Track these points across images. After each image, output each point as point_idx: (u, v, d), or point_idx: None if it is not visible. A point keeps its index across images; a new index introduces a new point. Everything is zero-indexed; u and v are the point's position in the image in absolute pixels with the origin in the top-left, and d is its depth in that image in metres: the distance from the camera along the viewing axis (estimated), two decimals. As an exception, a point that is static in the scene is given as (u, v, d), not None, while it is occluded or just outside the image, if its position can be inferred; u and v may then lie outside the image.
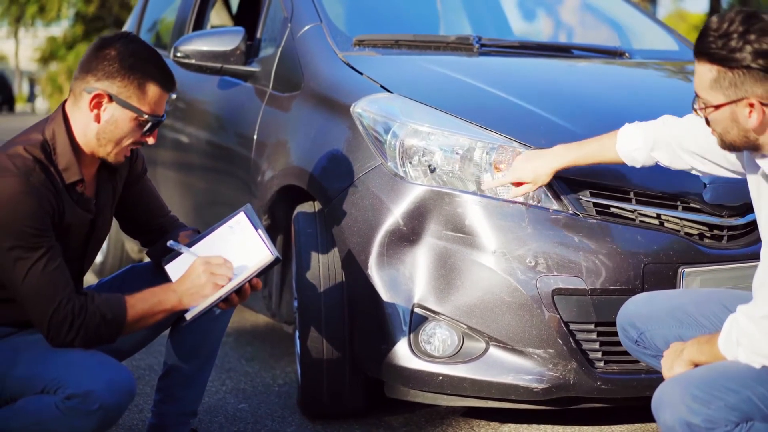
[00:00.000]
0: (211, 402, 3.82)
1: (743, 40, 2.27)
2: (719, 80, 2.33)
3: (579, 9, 5.63)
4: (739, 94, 2.32)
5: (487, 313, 3.15)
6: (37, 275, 2.62)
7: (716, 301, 2.76)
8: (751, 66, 2.27)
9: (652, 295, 2.88)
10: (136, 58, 2.73)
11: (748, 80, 2.29)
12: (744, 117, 2.34)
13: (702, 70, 2.37)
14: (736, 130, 2.37)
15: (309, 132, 3.72)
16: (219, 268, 2.74)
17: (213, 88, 4.69)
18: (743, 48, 2.27)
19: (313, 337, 3.44)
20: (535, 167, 3.14)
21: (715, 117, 2.39)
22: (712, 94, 2.37)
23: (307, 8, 4.18)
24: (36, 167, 2.66)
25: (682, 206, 3.23)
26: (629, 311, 2.84)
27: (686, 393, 2.30)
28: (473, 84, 3.67)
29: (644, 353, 2.82)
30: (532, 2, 5.76)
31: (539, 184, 3.15)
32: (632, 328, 2.81)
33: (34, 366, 2.69)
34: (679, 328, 2.72)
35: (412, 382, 3.25)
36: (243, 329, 4.98)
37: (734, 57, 2.29)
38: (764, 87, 2.29)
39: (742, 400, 2.27)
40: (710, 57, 2.33)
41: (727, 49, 2.29)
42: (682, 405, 2.29)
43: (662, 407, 2.34)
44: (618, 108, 3.60)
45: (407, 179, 3.28)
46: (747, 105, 2.32)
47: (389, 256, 3.25)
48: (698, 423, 2.26)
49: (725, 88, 2.33)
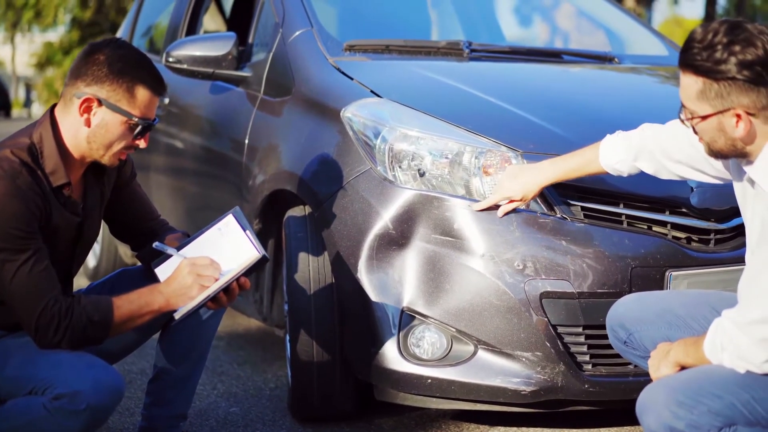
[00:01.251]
0: (202, 405, 3.83)
1: (728, 52, 2.27)
2: (705, 91, 2.33)
3: (570, 14, 5.66)
4: (726, 104, 2.32)
5: (475, 316, 3.17)
6: (23, 277, 2.64)
7: (705, 303, 2.76)
8: (737, 77, 2.27)
9: (641, 296, 2.89)
10: (124, 62, 2.75)
11: (734, 91, 2.29)
12: (731, 127, 2.34)
13: (688, 81, 2.37)
14: (723, 139, 2.38)
15: (300, 136, 3.74)
16: (205, 269, 2.76)
17: (205, 93, 4.70)
18: (728, 59, 2.27)
19: (303, 341, 3.45)
20: (523, 184, 3.14)
21: (702, 127, 2.39)
22: (699, 104, 2.37)
23: (299, 13, 4.20)
24: (23, 170, 2.68)
25: (669, 210, 3.25)
26: (618, 312, 2.85)
27: (670, 398, 2.31)
28: (463, 89, 3.69)
29: (633, 354, 2.83)
30: (524, 8, 5.78)
31: (528, 200, 3.17)
32: (621, 329, 2.82)
33: (23, 367, 2.70)
34: (667, 329, 2.73)
35: (401, 384, 3.27)
36: (235, 333, 5.00)
37: (719, 69, 2.28)
38: (750, 97, 2.29)
39: (726, 405, 2.28)
40: (695, 69, 2.33)
41: (712, 60, 2.29)
42: (665, 410, 2.30)
43: (646, 412, 2.35)
44: (607, 112, 3.63)
45: (396, 183, 3.30)
46: (734, 115, 2.32)
47: (378, 260, 3.26)
48: (681, 428, 2.28)
49: (711, 99, 2.33)
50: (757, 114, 2.31)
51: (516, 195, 3.15)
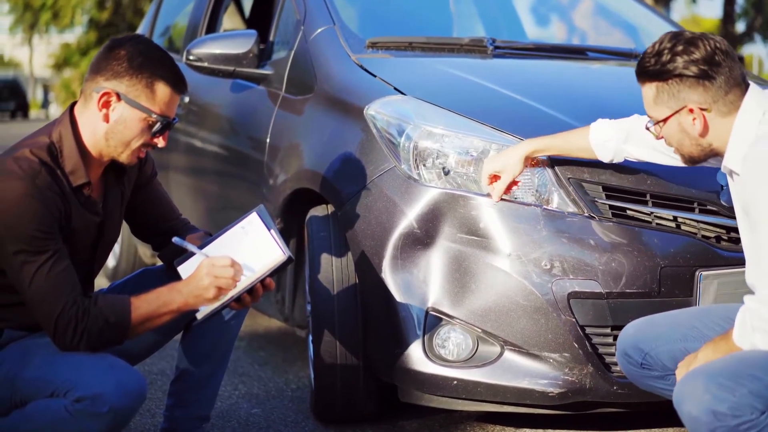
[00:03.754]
0: (223, 406, 3.79)
1: (672, 53, 2.54)
2: (660, 94, 2.59)
3: (592, 10, 5.60)
4: (679, 103, 2.56)
5: (502, 316, 3.12)
6: (43, 278, 2.60)
7: (718, 313, 2.80)
8: (684, 74, 2.53)
9: (651, 317, 2.89)
10: (145, 57, 2.71)
11: (684, 88, 2.54)
12: (689, 125, 2.57)
13: (645, 90, 2.64)
14: (688, 140, 2.60)
15: (322, 135, 3.69)
16: (223, 270, 2.70)
17: (225, 92, 4.67)
18: (674, 59, 2.54)
19: (326, 342, 3.41)
20: (504, 157, 3.14)
21: (667, 132, 2.63)
22: (657, 109, 2.61)
23: (320, 11, 4.16)
24: (42, 170, 2.64)
25: (698, 208, 3.20)
26: (630, 335, 2.85)
27: (710, 382, 2.30)
28: (487, 86, 3.64)
29: (650, 376, 2.82)
30: (545, 4, 5.73)
31: (512, 174, 3.12)
32: (636, 351, 2.81)
33: (44, 369, 2.67)
34: (684, 342, 2.74)
35: (426, 386, 3.22)
36: (256, 333, 4.96)
37: (667, 68, 2.55)
38: (698, 92, 2.54)
39: (766, 386, 2.27)
40: (648, 75, 2.60)
41: (660, 63, 2.56)
42: (706, 394, 2.28)
43: (686, 399, 2.33)
44: (634, 109, 3.56)
45: (421, 182, 3.25)
46: (688, 112, 2.55)
47: (403, 260, 3.22)
48: (724, 410, 2.26)
49: (666, 101, 2.58)
50: (710, 108, 2.54)
51: (497, 167, 3.12)
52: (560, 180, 3.18)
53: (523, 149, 3.13)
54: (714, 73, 2.53)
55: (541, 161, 3.19)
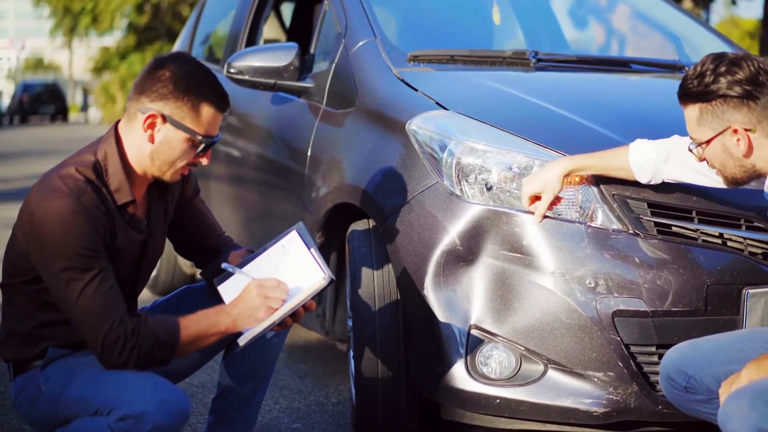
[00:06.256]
0: (264, 421, 3.79)
1: (715, 74, 2.58)
2: (703, 116, 2.62)
3: (632, 20, 5.55)
4: (723, 124, 2.59)
5: (545, 334, 3.09)
6: (89, 296, 2.60)
7: (762, 335, 2.75)
8: (728, 94, 2.56)
9: (694, 341, 2.84)
10: (190, 80, 2.71)
11: (728, 109, 2.57)
12: (733, 146, 2.59)
13: (688, 112, 2.67)
14: (731, 161, 2.63)
15: (363, 149, 3.68)
16: (273, 291, 2.71)
17: (266, 104, 4.67)
18: (717, 80, 2.57)
19: (367, 358, 3.40)
20: (543, 176, 3.09)
21: (710, 153, 2.65)
22: (700, 131, 2.64)
23: (362, 23, 4.15)
24: (87, 188, 2.65)
25: (745, 225, 3.15)
26: (673, 359, 2.80)
27: (757, 399, 2.28)
28: (530, 100, 3.61)
29: (694, 400, 2.77)
30: (586, 15, 5.68)
31: (552, 192, 3.08)
32: (680, 375, 2.77)
33: (88, 387, 2.67)
34: (728, 365, 2.69)
35: (469, 404, 3.20)
36: (295, 346, 4.96)
37: (711, 89, 2.58)
38: (742, 113, 2.56)
39: None
40: (691, 96, 2.63)
41: (703, 85, 2.59)
42: (753, 412, 2.26)
43: (731, 418, 2.31)
44: (680, 124, 3.52)
45: (463, 198, 3.23)
46: (732, 133, 2.58)
47: (445, 276, 3.20)
48: None
49: (710, 122, 2.61)
50: (754, 129, 2.57)
51: (537, 188, 3.08)
52: (604, 196, 3.15)
53: (561, 168, 3.08)
54: (758, 93, 2.55)
55: (585, 178, 3.16)
